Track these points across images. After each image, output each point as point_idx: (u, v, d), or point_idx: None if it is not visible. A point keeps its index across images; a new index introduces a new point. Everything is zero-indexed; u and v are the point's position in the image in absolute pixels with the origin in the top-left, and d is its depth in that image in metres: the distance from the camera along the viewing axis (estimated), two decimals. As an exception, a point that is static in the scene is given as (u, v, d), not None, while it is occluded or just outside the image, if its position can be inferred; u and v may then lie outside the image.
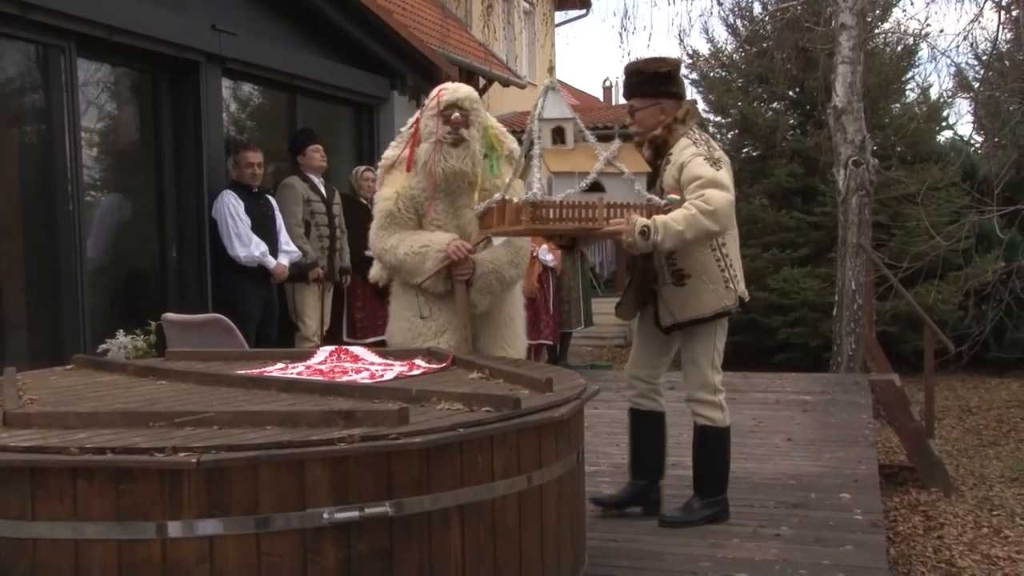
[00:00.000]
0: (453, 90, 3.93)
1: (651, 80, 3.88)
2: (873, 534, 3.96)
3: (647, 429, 4.15)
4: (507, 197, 3.67)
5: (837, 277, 9.22)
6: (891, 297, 9.65)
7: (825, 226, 10.97)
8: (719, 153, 3.79)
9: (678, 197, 3.67)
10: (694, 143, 3.78)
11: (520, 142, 3.88)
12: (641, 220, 3.52)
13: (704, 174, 3.64)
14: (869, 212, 9.08)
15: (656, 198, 3.66)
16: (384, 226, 3.98)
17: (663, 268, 3.84)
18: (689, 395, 4.02)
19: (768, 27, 12.00)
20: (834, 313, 9.17)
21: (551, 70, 4.43)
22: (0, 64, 5.69)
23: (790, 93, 12.28)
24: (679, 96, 3.94)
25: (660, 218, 3.54)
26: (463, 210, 3.97)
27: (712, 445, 4.03)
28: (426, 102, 4.11)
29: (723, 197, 3.60)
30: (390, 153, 4.11)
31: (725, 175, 3.70)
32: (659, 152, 3.87)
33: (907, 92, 12.87)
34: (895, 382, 7.18)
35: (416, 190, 3.94)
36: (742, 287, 3.97)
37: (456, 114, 3.85)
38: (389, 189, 3.99)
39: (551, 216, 3.51)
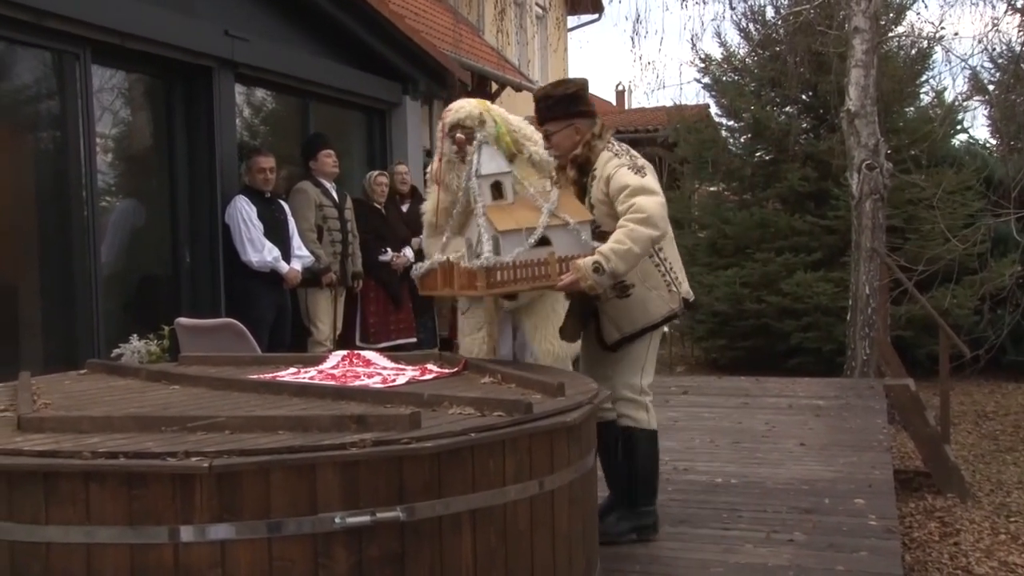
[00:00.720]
0: (455, 111, 4.02)
1: (560, 103, 3.91)
2: (888, 540, 3.94)
3: (614, 440, 4.11)
4: (450, 259, 3.70)
5: (851, 281, 9.17)
6: (906, 301, 9.58)
7: (838, 230, 10.91)
8: (642, 161, 3.82)
9: None
10: (616, 155, 3.81)
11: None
12: (588, 260, 3.56)
13: (630, 182, 3.67)
14: (883, 216, 9.03)
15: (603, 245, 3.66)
16: (428, 235, 4.22)
17: None
18: (613, 392, 3.94)
19: (781, 31, 11.95)
20: (848, 317, 9.12)
21: (482, 123, 4.29)
22: (16, 71, 5.74)
23: (803, 97, 12.22)
24: (591, 114, 3.96)
25: (603, 248, 3.58)
26: None
27: (639, 448, 3.93)
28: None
29: (653, 201, 3.62)
30: (430, 167, 4.33)
31: (651, 180, 3.72)
32: (583, 170, 3.89)
33: (921, 96, 12.80)
34: (910, 387, 7.13)
35: (445, 202, 4.09)
36: (685, 287, 3.97)
37: (459, 134, 3.93)
38: (428, 202, 4.23)
39: (506, 279, 3.51)
